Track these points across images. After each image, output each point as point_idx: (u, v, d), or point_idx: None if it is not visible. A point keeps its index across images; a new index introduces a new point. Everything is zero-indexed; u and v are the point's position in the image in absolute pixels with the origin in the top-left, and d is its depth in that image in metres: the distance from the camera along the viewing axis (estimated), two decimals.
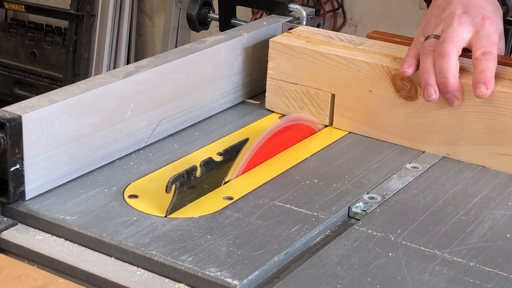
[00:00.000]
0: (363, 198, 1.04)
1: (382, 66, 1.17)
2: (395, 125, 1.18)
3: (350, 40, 1.26)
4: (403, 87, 1.16)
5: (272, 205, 1.02)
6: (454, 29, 1.12)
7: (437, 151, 1.16)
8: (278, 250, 0.92)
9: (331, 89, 1.21)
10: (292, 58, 1.23)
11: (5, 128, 0.95)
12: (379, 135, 1.20)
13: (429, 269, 0.90)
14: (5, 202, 0.98)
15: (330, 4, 2.84)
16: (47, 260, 0.93)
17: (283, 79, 1.25)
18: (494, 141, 1.12)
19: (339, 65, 1.20)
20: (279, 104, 1.26)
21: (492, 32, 1.13)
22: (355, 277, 0.89)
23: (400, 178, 1.10)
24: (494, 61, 1.10)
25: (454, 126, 1.14)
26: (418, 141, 1.17)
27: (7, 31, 3.49)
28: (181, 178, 0.99)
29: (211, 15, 1.48)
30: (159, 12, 3.31)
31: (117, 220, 0.97)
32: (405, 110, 1.17)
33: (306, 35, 1.27)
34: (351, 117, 1.21)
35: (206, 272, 0.88)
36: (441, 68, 1.10)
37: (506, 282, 0.89)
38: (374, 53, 1.20)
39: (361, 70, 1.18)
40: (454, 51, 1.10)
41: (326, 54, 1.21)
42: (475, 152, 1.14)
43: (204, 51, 1.21)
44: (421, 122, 1.16)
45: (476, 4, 1.16)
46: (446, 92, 1.11)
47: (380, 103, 1.18)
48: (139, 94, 1.12)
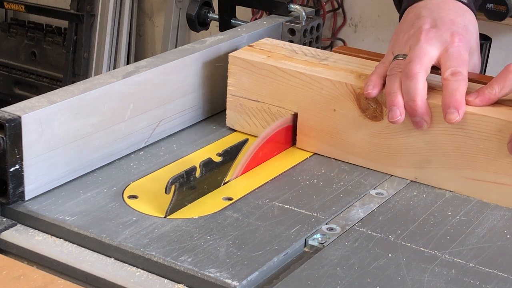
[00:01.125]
0: (321, 229, 0.97)
1: (346, 84, 1.09)
2: (360, 147, 1.11)
3: (315, 54, 1.18)
4: (368, 106, 1.08)
5: (272, 205, 1.02)
6: (421, 46, 1.05)
7: (405, 174, 1.09)
8: (277, 250, 0.92)
9: (293, 107, 1.14)
10: (253, 74, 1.16)
11: (4, 129, 0.95)
12: (343, 157, 1.13)
13: (429, 269, 0.90)
14: (4, 202, 0.98)
15: (330, 4, 2.84)
16: (46, 260, 0.93)
17: (243, 96, 1.18)
18: (464, 165, 1.04)
19: (301, 82, 1.13)
20: (240, 122, 1.19)
21: (462, 49, 1.06)
22: (355, 278, 0.89)
23: (363, 206, 1.03)
24: (464, 81, 1.02)
25: (421, 149, 1.06)
26: (384, 163, 1.10)
27: (7, 31, 3.49)
28: (180, 178, 0.99)
29: (211, 15, 1.48)
30: (159, 12, 3.31)
31: (116, 221, 0.97)
32: (371, 131, 1.09)
33: (268, 49, 1.20)
34: (315, 137, 1.14)
35: (205, 272, 0.88)
36: (408, 90, 1.03)
37: (506, 283, 0.89)
38: (338, 70, 1.13)
39: (324, 88, 1.11)
40: (421, 72, 1.03)
41: (288, 70, 1.13)
42: (444, 177, 1.06)
43: (204, 51, 1.21)
44: (387, 144, 1.09)
45: (446, 18, 1.09)
46: (414, 116, 1.03)
47: (344, 123, 1.11)
48: (139, 94, 1.11)
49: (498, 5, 2.31)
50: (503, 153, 1.01)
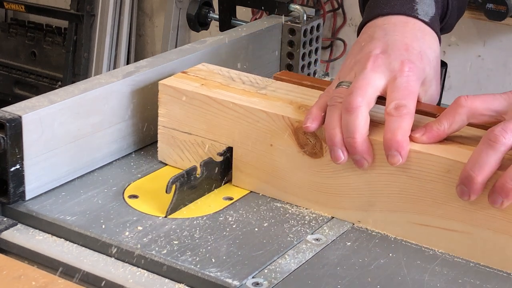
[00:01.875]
0: (246, 284, 0.87)
1: (283, 117, 0.99)
2: (299, 185, 1.00)
3: (253, 82, 1.08)
4: (306, 142, 0.98)
5: (272, 205, 1.02)
6: (366, 75, 0.95)
7: (347, 217, 0.98)
8: (278, 250, 0.92)
9: (228, 141, 1.04)
10: (185, 104, 1.06)
11: (5, 128, 0.95)
12: (282, 196, 1.02)
13: (429, 269, 0.90)
14: (5, 202, 0.98)
15: (330, 4, 2.84)
16: (47, 260, 0.93)
17: (175, 128, 1.08)
18: (409, 208, 0.94)
19: (236, 114, 1.02)
20: (173, 156, 1.09)
21: (412, 80, 0.95)
22: (355, 278, 0.89)
23: (297, 254, 0.92)
24: (409, 116, 0.92)
25: (364, 189, 0.96)
26: (325, 205, 0.99)
27: (7, 31, 3.49)
28: (181, 178, 0.99)
29: (211, 15, 1.48)
30: (159, 12, 3.31)
31: (117, 220, 0.97)
32: (310, 169, 0.99)
33: (203, 75, 1.10)
34: (251, 174, 1.04)
35: (206, 272, 0.88)
36: (348, 125, 0.92)
37: (506, 283, 0.89)
38: (277, 100, 1.03)
39: (260, 121, 1.01)
40: (362, 106, 0.92)
41: (221, 101, 1.03)
42: (389, 221, 0.96)
43: (204, 51, 1.21)
44: (327, 183, 0.99)
45: (400, 42, 0.99)
46: (354, 153, 0.93)
47: (282, 159, 1.01)
48: (138, 94, 1.11)
49: (498, 5, 2.31)
50: (451, 197, 0.91)
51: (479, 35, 2.59)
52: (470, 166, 0.88)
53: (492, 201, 0.88)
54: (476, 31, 2.59)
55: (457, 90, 2.61)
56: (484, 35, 2.59)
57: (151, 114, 1.14)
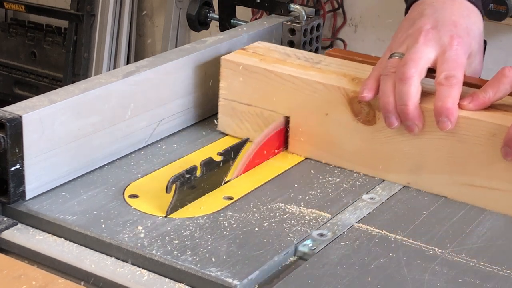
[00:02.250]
0: (312, 235, 0.96)
1: (338, 87, 1.08)
2: (353, 151, 1.09)
3: (308, 58, 1.16)
4: (360, 111, 1.07)
5: (272, 205, 1.02)
6: (418, 48, 1.03)
7: (398, 179, 1.07)
8: (278, 250, 0.92)
9: (286, 111, 1.13)
10: (245, 78, 1.15)
11: (5, 128, 0.95)
12: (336, 161, 1.11)
13: (429, 269, 0.90)
14: (5, 202, 0.98)
15: (330, 4, 2.84)
16: (47, 260, 0.93)
17: (235, 100, 1.16)
18: (457, 170, 1.02)
19: (293, 86, 1.11)
20: (232, 126, 1.17)
21: (460, 53, 1.03)
22: (355, 277, 0.89)
23: (355, 211, 1.01)
24: (458, 86, 1.00)
25: (414, 154, 1.05)
26: (377, 168, 1.08)
27: (7, 31, 3.49)
28: (181, 178, 0.99)
29: (211, 15, 1.48)
30: (159, 12, 3.31)
31: (117, 220, 0.97)
32: (363, 136, 1.07)
33: (261, 52, 1.18)
34: (307, 141, 1.12)
35: (206, 272, 0.88)
36: (401, 94, 1.01)
37: (506, 282, 0.89)
38: (331, 73, 1.11)
39: (317, 91, 1.09)
40: (415, 76, 1.01)
41: (280, 74, 1.12)
42: (437, 182, 1.04)
43: (204, 51, 1.21)
44: (379, 148, 1.07)
45: (448, 19, 1.07)
46: (406, 120, 1.02)
47: (337, 127, 1.09)
48: (139, 94, 1.12)
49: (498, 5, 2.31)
50: (496, 158, 0.99)
51: None
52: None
53: None
54: None
55: None
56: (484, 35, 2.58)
57: (151, 114, 1.14)
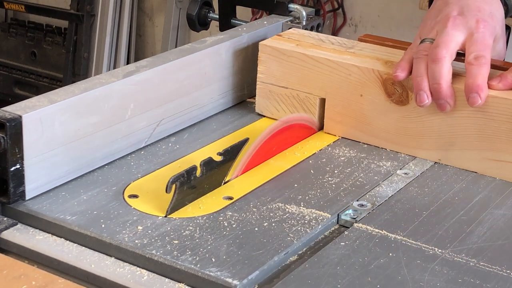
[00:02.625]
0: (353, 205, 1.03)
1: (373, 70, 1.14)
2: (386, 130, 1.16)
3: (341, 43, 1.23)
4: (394, 91, 1.14)
5: (272, 205, 1.02)
6: (448, 32, 1.10)
7: (429, 156, 1.14)
8: (278, 250, 0.92)
9: (321, 93, 1.19)
10: (282, 62, 1.21)
11: (5, 128, 0.95)
12: (370, 140, 1.18)
13: (429, 269, 0.90)
14: (5, 202, 0.98)
15: (330, 4, 2.84)
16: (47, 260, 0.93)
17: (273, 83, 1.23)
18: (486, 146, 1.10)
19: (329, 69, 1.18)
20: (270, 108, 1.25)
21: (487, 35, 1.10)
22: (355, 277, 0.89)
23: (391, 184, 1.08)
24: (487, 65, 1.07)
25: (445, 131, 1.12)
26: (409, 146, 1.15)
27: (7, 31, 3.49)
28: (181, 178, 0.99)
29: (211, 15, 1.48)
30: (159, 12, 3.31)
31: (117, 220, 0.97)
32: (396, 115, 1.15)
33: (296, 38, 1.25)
34: (342, 122, 1.19)
35: (206, 272, 0.88)
36: (434, 73, 1.08)
37: (506, 282, 0.89)
38: (365, 57, 1.18)
39: (352, 74, 1.16)
40: (447, 56, 1.08)
41: (316, 57, 1.18)
42: (467, 158, 1.11)
43: (204, 51, 1.21)
44: (412, 127, 1.14)
45: (473, 5, 1.14)
46: (439, 98, 1.09)
47: (371, 107, 1.16)
48: (139, 94, 1.12)
49: None
50: None
51: None
52: None
53: None
54: None
55: None
56: None
57: (151, 114, 1.14)
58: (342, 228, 0.99)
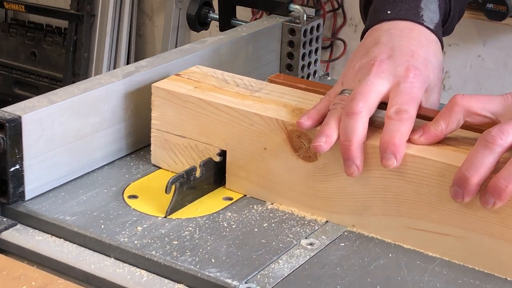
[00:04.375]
0: None
1: (277, 120, 0.98)
2: (293, 189, 1.00)
3: (247, 85, 1.07)
4: (300, 145, 0.98)
5: (272, 205, 1.02)
6: (370, 80, 0.95)
7: (342, 221, 0.98)
8: (278, 250, 0.92)
9: (222, 144, 1.03)
10: (178, 107, 1.05)
11: (5, 129, 0.95)
12: (276, 200, 1.02)
13: (429, 269, 0.90)
14: (4, 202, 0.98)
15: (330, 4, 2.84)
16: (47, 260, 0.93)
17: (168, 131, 1.07)
18: (404, 212, 0.94)
19: (229, 117, 1.02)
20: (166, 159, 1.09)
21: (415, 86, 0.95)
22: (355, 278, 0.89)
23: (290, 259, 0.91)
24: (409, 121, 0.92)
25: (359, 193, 0.96)
26: (319, 208, 0.99)
27: (7, 31, 3.49)
28: (180, 178, 0.99)
29: (211, 15, 1.48)
30: (159, 12, 3.31)
31: (116, 221, 0.97)
32: (304, 172, 0.98)
33: (197, 78, 1.09)
34: (245, 177, 1.03)
35: (206, 272, 0.88)
36: (346, 129, 0.92)
37: (505, 283, 0.89)
38: (270, 103, 1.02)
39: (254, 124, 1.00)
40: (363, 111, 0.92)
41: (215, 104, 1.03)
42: (384, 225, 0.95)
43: (204, 51, 1.21)
44: (322, 187, 0.98)
45: (406, 48, 0.99)
46: (346, 159, 0.92)
47: (276, 163, 1.00)
48: (139, 94, 1.11)
49: (498, 5, 2.31)
50: (445, 200, 0.91)
51: (479, 35, 2.59)
52: (465, 166, 0.87)
53: (484, 201, 0.87)
54: (476, 31, 2.59)
55: (457, 90, 2.61)
56: (484, 35, 2.59)
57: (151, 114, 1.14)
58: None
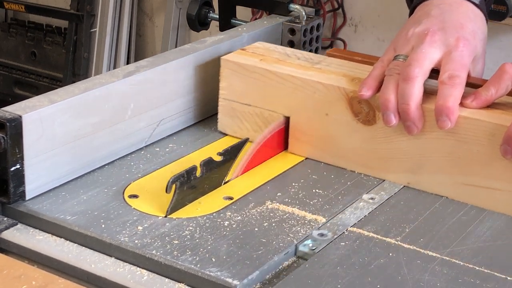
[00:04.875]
0: (312, 235, 0.96)
1: (338, 88, 1.08)
2: (353, 151, 1.09)
3: (308, 58, 1.16)
4: (360, 110, 1.07)
5: (272, 205, 1.02)
6: (423, 49, 1.04)
7: (397, 179, 1.07)
8: (278, 250, 0.92)
9: (285, 111, 1.13)
10: (245, 78, 1.14)
11: (5, 128, 0.95)
12: (336, 162, 1.11)
13: (429, 269, 0.90)
14: (5, 202, 0.98)
15: (330, 4, 2.84)
16: (47, 260, 0.93)
17: (235, 100, 1.16)
18: (457, 170, 1.03)
19: (293, 86, 1.11)
20: (232, 126, 1.17)
21: (465, 54, 1.04)
22: (355, 277, 0.89)
23: (355, 211, 1.01)
24: (461, 86, 1.01)
25: (414, 153, 1.05)
26: (377, 168, 1.08)
27: (7, 31, 3.49)
28: (181, 178, 0.99)
29: (211, 15, 1.48)
30: (159, 12, 3.31)
31: (117, 220, 0.97)
32: (363, 136, 1.07)
33: (261, 52, 1.18)
34: (307, 142, 1.12)
35: (206, 272, 0.88)
36: (404, 93, 1.01)
37: (506, 282, 0.89)
38: (331, 73, 1.11)
39: (317, 91, 1.09)
40: (419, 76, 1.01)
41: (280, 74, 1.12)
42: (437, 182, 1.04)
43: (204, 51, 1.21)
44: (380, 148, 1.07)
45: (455, 21, 1.08)
46: (406, 120, 1.02)
47: (337, 127, 1.09)
48: (139, 94, 1.12)
49: (498, 5, 2.31)
50: (496, 157, 0.99)
51: None
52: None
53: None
54: None
55: None
56: None
57: (151, 114, 1.14)
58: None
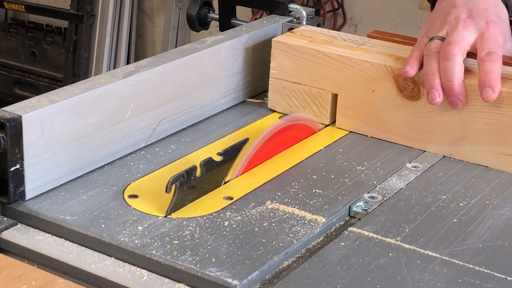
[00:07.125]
0: (364, 197, 1.05)
1: (385, 66, 1.17)
2: (397, 125, 1.19)
3: (353, 40, 1.26)
4: (406, 87, 1.16)
5: (272, 205, 1.02)
6: (460, 32, 1.13)
7: (440, 151, 1.17)
8: (278, 250, 0.92)
9: (334, 89, 1.22)
10: (295, 58, 1.24)
11: (5, 128, 0.95)
12: (380, 135, 1.21)
13: (429, 269, 0.90)
14: (5, 202, 0.98)
15: (330, 4, 2.84)
16: (47, 260, 0.93)
17: (285, 79, 1.26)
18: (497, 141, 1.12)
19: (342, 64, 1.20)
20: (282, 103, 1.27)
21: (497, 34, 1.13)
22: (355, 277, 0.89)
23: (401, 177, 1.11)
24: (499, 61, 1.10)
25: (456, 126, 1.14)
26: (420, 140, 1.18)
27: (7, 31, 3.49)
28: (181, 178, 0.99)
29: (211, 15, 1.48)
30: (159, 12, 3.31)
31: (117, 220, 0.97)
32: (408, 110, 1.17)
33: (308, 34, 1.27)
34: (354, 117, 1.22)
35: (206, 272, 0.88)
36: (447, 71, 1.10)
37: (506, 282, 0.89)
38: (376, 53, 1.21)
39: (364, 70, 1.19)
40: (459, 54, 1.11)
41: (329, 53, 1.21)
42: (477, 152, 1.14)
43: (204, 51, 1.21)
44: (423, 122, 1.17)
45: (480, 7, 1.17)
46: (451, 96, 1.11)
47: (382, 102, 1.19)
48: (139, 94, 1.12)
49: None
50: None
51: None
52: None
53: None
54: None
55: None
56: None
57: (151, 114, 1.14)
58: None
